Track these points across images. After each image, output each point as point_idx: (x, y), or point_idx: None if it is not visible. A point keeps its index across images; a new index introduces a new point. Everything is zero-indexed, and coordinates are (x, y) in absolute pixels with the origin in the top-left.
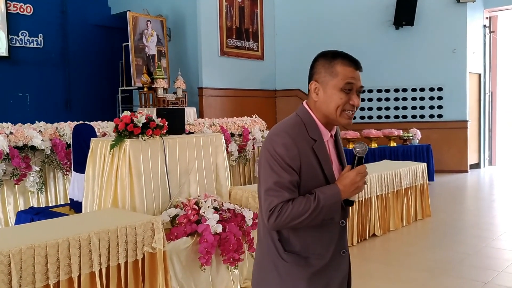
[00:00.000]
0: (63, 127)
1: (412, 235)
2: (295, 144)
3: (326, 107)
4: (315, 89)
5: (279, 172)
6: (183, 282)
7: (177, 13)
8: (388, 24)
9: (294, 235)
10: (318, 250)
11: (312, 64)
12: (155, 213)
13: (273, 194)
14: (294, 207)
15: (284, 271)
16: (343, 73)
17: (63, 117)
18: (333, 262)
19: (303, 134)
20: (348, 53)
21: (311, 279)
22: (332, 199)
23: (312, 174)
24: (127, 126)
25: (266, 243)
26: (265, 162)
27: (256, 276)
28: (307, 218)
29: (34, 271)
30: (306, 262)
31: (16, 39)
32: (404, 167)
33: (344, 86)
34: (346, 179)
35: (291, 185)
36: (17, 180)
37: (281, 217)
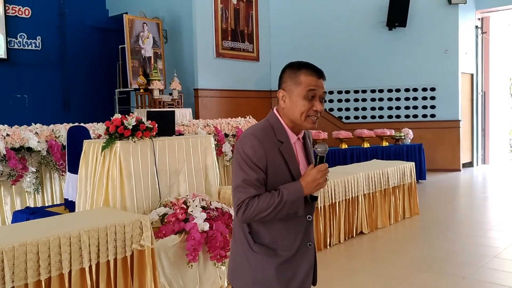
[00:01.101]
0: (59, 129)
1: (399, 232)
2: (261, 146)
3: (292, 113)
4: (282, 97)
5: (247, 171)
6: (171, 278)
7: (173, 15)
8: (381, 25)
9: (264, 229)
10: (285, 242)
11: (280, 74)
12: (145, 212)
13: (241, 190)
14: (260, 201)
15: (255, 261)
16: (306, 82)
17: (61, 118)
18: (299, 253)
19: (271, 136)
20: (313, 64)
21: (279, 268)
22: (295, 195)
23: (279, 172)
24: (117, 129)
25: (238, 236)
26: (235, 162)
27: (230, 267)
28: (272, 211)
29: (26, 267)
30: (274, 253)
31: (14, 41)
32: (392, 166)
33: (306, 93)
34: (308, 177)
35: (257, 183)
36: (14, 180)
37: (248, 211)
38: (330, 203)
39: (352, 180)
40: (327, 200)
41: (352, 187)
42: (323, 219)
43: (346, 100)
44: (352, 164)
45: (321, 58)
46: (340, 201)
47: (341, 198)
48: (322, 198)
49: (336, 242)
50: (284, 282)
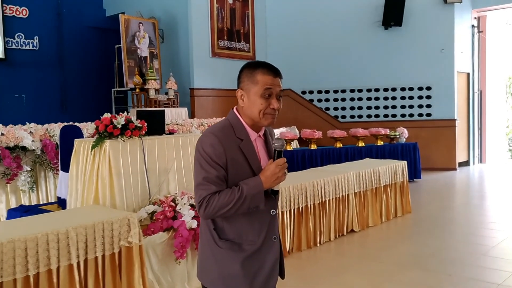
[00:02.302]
0: (53, 128)
1: (390, 231)
2: (221, 144)
3: (251, 111)
4: (241, 96)
5: (207, 168)
6: (159, 275)
7: (169, 15)
8: (377, 24)
9: (228, 224)
10: (250, 237)
11: (239, 74)
12: (134, 210)
13: (202, 188)
14: (220, 197)
15: (220, 257)
16: (262, 80)
17: (59, 117)
18: (264, 247)
19: (230, 135)
20: (269, 63)
21: (244, 263)
22: (255, 189)
23: (239, 169)
24: (107, 128)
25: (204, 233)
26: (196, 161)
27: (198, 264)
28: (233, 207)
29: (14, 263)
30: (239, 248)
31: (12, 41)
32: (384, 165)
33: (263, 92)
34: (267, 171)
35: (218, 180)
36: (9, 179)
37: (210, 207)
38: (320, 201)
39: (343, 178)
40: (317, 198)
41: (342, 186)
42: (312, 217)
43: (342, 99)
44: (344, 163)
45: (317, 57)
46: (330, 200)
47: (331, 197)
48: (312, 196)
49: (326, 240)
50: (250, 276)
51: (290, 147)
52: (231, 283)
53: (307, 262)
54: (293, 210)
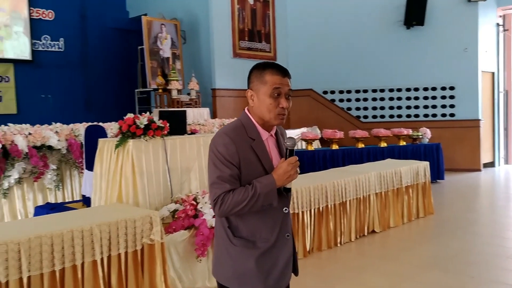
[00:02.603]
0: (78, 128)
1: (412, 231)
2: (233, 143)
3: (260, 111)
4: (250, 96)
5: (221, 167)
6: (180, 272)
7: (191, 16)
8: (399, 24)
9: (242, 222)
10: (263, 234)
11: (248, 75)
12: (157, 208)
13: (217, 186)
14: (234, 195)
15: (235, 254)
16: (271, 80)
17: (83, 117)
18: (278, 244)
19: (242, 134)
20: (278, 63)
21: (258, 259)
22: (267, 187)
23: (252, 168)
24: (130, 128)
25: (219, 231)
26: (210, 160)
27: (213, 261)
28: (247, 204)
29: (41, 258)
30: (253, 245)
31: (38, 43)
32: (405, 165)
33: (272, 92)
34: (279, 170)
35: (231, 178)
36: (36, 177)
37: (224, 205)
38: (340, 201)
39: (364, 179)
40: (338, 198)
41: (363, 186)
42: (333, 218)
43: (364, 99)
44: (365, 164)
45: (338, 57)
46: (351, 200)
47: (352, 197)
48: (332, 197)
49: (347, 240)
50: (264, 273)
51: (312, 147)
52: (245, 279)
53: (327, 262)
54: (313, 210)
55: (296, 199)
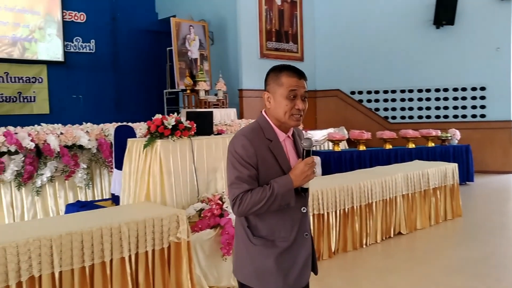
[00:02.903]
0: (108, 128)
1: (439, 234)
2: (251, 145)
3: (277, 112)
4: (267, 98)
5: (239, 168)
6: (206, 270)
7: (219, 17)
8: (428, 24)
9: (261, 222)
10: (282, 234)
11: (265, 77)
12: (184, 207)
13: (235, 186)
14: (252, 195)
15: (254, 253)
16: (287, 82)
17: (113, 117)
18: (297, 243)
19: (260, 136)
20: (294, 66)
21: (278, 258)
22: (285, 187)
23: (269, 168)
24: (158, 128)
25: (239, 231)
26: (228, 162)
27: (234, 261)
28: (265, 204)
29: (72, 254)
30: (272, 244)
31: (70, 45)
32: (433, 167)
33: (288, 94)
34: (296, 170)
35: (250, 179)
36: (67, 176)
37: (243, 205)
38: (366, 203)
39: (390, 180)
40: (364, 200)
41: (390, 188)
42: (358, 219)
43: (392, 100)
44: (392, 165)
45: (366, 57)
46: (377, 201)
47: (378, 198)
48: (358, 198)
49: (373, 242)
50: (283, 271)
51: (338, 148)
52: (265, 278)
53: (352, 263)
54: (339, 211)
55: (321, 200)
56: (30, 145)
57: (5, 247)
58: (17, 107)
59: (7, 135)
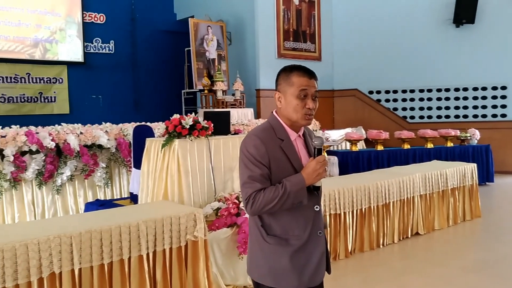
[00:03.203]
0: (127, 128)
1: (457, 235)
2: (263, 144)
3: (288, 112)
4: (278, 98)
5: (252, 167)
6: (223, 269)
7: (236, 17)
8: (448, 22)
9: (274, 221)
10: (296, 232)
11: (276, 78)
12: (201, 206)
13: (248, 186)
14: (265, 194)
15: (269, 252)
16: (298, 82)
17: (132, 117)
18: (310, 241)
19: (271, 135)
20: (305, 66)
21: (292, 256)
22: (297, 186)
23: (282, 167)
24: (176, 128)
25: (253, 230)
26: (241, 161)
27: (248, 260)
28: (278, 202)
29: (91, 251)
30: (286, 243)
31: (90, 46)
32: (451, 167)
33: (299, 93)
34: (308, 168)
35: (262, 178)
36: (86, 175)
37: (256, 203)
38: (383, 203)
39: (408, 180)
40: (381, 200)
41: (407, 188)
42: (376, 219)
43: (410, 100)
44: (410, 165)
45: (384, 56)
46: (394, 201)
47: (395, 198)
48: (375, 198)
49: (390, 242)
50: (298, 269)
51: (356, 148)
52: (280, 276)
53: (369, 263)
54: (355, 211)
55: (338, 200)
56: (50, 145)
57: (27, 244)
58: (38, 107)
59: (29, 134)
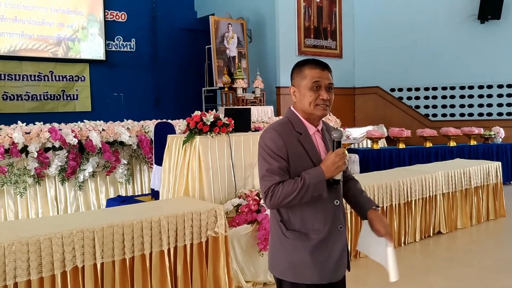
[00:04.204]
0: (148, 125)
1: (480, 234)
2: (281, 137)
3: (303, 104)
4: (293, 92)
5: (270, 161)
6: (243, 265)
7: (257, 15)
8: (472, 18)
9: (293, 215)
10: (316, 226)
11: (291, 73)
12: (221, 202)
13: (267, 179)
14: (284, 187)
15: (289, 247)
16: (310, 74)
17: (153, 115)
18: (331, 236)
19: (289, 129)
20: (317, 59)
21: (313, 251)
22: (316, 178)
23: (300, 161)
24: (197, 124)
25: (273, 226)
26: (259, 155)
27: (269, 257)
28: (297, 195)
29: (113, 246)
30: (306, 237)
31: (112, 44)
32: (475, 165)
33: (312, 85)
34: (327, 161)
35: (280, 170)
36: (108, 171)
37: (275, 196)
38: (405, 201)
39: (430, 178)
40: (403, 198)
41: (430, 186)
42: (397, 217)
43: (433, 97)
44: (433, 163)
45: (407, 53)
46: (416, 200)
47: (417, 197)
48: (397, 196)
49: (411, 241)
50: (319, 264)
51: (377, 146)
52: (301, 271)
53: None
54: None
55: None
56: (73, 141)
57: (51, 238)
58: (60, 104)
59: (52, 131)
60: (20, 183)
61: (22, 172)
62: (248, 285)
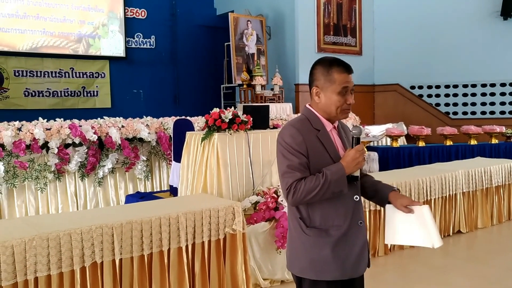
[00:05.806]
0: (167, 122)
1: (502, 234)
2: (300, 133)
3: (328, 107)
4: (316, 93)
5: (290, 157)
6: (260, 263)
7: (276, 12)
8: (495, 15)
9: (313, 212)
10: (335, 222)
11: (311, 72)
12: (239, 199)
13: (288, 175)
14: (306, 183)
15: (309, 244)
16: (339, 79)
17: (172, 111)
18: (351, 231)
19: (307, 126)
20: (340, 59)
21: (334, 247)
22: (337, 174)
23: (319, 157)
24: (215, 122)
25: (292, 224)
26: (278, 152)
27: (288, 255)
28: (319, 191)
29: (132, 242)
30: (326, 234)
31: (132, 41)
32: (496, 164)
33: (341, 90)
34: (347, 157)
35: (301, 166)
36: (127, 168)
37: (297, 193)
38: (424, 200)
39: (450, 177)
40: (422, 196)
41: (450, 185)
42: None
43: (454, 95)
44: (453, 161)
45: (427, 50)
46: (436, 198)
47: (437, 196)
48: (416, 194)
49: None
50: (340, 260)
51: (397, 144)
52: (322, 267)
53: (409, 260)
54: None
55: None
56: (93, 138)
57: (71, 233)
58: (81, 101)
59: (72, 127)
60: (41, 179)
61: (43, 168)
62: (266, 283)
